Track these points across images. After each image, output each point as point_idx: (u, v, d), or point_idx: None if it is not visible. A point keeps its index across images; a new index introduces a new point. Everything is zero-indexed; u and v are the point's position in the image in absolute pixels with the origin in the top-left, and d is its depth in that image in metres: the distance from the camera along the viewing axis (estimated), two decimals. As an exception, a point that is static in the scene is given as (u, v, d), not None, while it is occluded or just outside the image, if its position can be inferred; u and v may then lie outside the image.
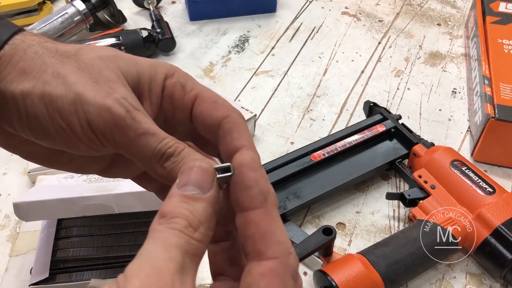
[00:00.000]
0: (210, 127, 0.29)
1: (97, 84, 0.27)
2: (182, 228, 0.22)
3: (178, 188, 0.24)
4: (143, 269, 0.21)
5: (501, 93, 0.63)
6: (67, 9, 0.79)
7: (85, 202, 0.45)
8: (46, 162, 0.32)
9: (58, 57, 0.28)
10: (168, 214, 0.23)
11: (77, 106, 0.27)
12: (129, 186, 0.48)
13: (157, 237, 0.22)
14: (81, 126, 0.27)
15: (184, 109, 0.30)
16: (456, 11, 0.93)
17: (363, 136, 0.62)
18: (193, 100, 0.30)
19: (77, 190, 0.47)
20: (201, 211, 0.23)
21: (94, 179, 0.51)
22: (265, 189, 0.24)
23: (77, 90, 0.27)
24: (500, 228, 0.50)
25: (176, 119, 0.31)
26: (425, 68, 0.81)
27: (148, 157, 0.27)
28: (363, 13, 0.93)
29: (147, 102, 0.30)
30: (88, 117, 0.27)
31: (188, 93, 0.30)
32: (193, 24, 0.89)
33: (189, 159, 0.27)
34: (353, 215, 0.59)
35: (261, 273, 0.23)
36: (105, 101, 0.27)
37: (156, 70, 0.30)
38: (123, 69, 0.29)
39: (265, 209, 0.24)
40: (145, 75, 0.29)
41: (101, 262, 0.49)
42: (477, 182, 0.54)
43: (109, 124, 0.27)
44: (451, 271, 0.53)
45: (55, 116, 0.27)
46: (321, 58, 0.82)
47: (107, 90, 0.27)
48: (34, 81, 0.27)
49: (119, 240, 0.50)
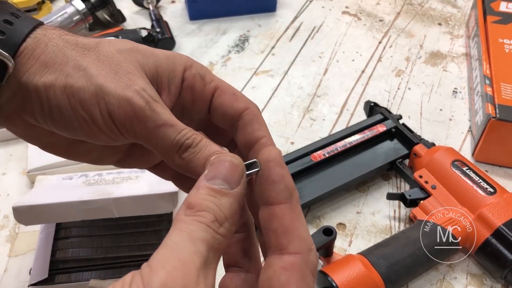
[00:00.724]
0: (230, 118, 0.31)
1: (117, 76, 0.28)
2: (209, 222, 0.23)
3: (207, 180, 0.24)
4: (169, 261, 0.21)
5: (502, 93, 0.63)
6: (66, 8, 0.79)
7: (85, 206, 0.45)
8: (64, 153, 0.33)
9: (78, 50, 0.29)
10: (195, 206, 0.23)
11: (99, 98, 0.28)
12: (128, 190, 0.47)
13: (183, 229, 0.22)
14: (102, 117, 0.28)
15: (204, 99, 0.31)
16: (457, 11, 0.93)
17: (364, 136, 0.62)
18: (212, 92, 0.31)
19: (77, 194, 0.47)
20: (227, 206, 0.24)
21: (94, 180, 0.50)
22: (290, 185, 0.25)
23: (98, 81, 0.28)
24: (501, 229, 0.50)
25: (194, 109, 0.32)
26: (425, 67, 0.80)
27: (167, 148, 0.28)
28: (364, 13, 0.93)
29: (165, 92, 0.31)
30: (109, 108, 0.28)
31: (208, 84, 0.31)
32: (192, 24, 0.89)
33: (206, 150, 0.28)
34: (354, 215, 0.59)
35: (282, 266, 0.23)
36: (126, 93, 0.28)
37: (175, 61, 0.31)
38: (140, 61, 0.30)
39: (290, 205, 0.24)
40: (162, 67, 0.30)
41: (101, 262, 0.49)
42: (478, 182, 0.54)
43: (129, 115, 0.28)
44: (452, 272, 0.53)
45: (77, 108, 0.28)
46: (322, 57, 0.82)
47: (126, 82, 0.28)
48: (56, 73, 0.28)
49: (119, 241, 0.50)
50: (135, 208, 0.46)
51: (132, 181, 0.50)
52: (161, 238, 0.49)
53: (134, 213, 0.47)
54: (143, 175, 0.52)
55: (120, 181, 0.50)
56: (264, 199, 0.25)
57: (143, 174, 0.52)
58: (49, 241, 0.50)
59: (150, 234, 0.50)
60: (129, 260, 0.49)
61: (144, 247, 0.49)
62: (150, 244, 0.50)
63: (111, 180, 0.51)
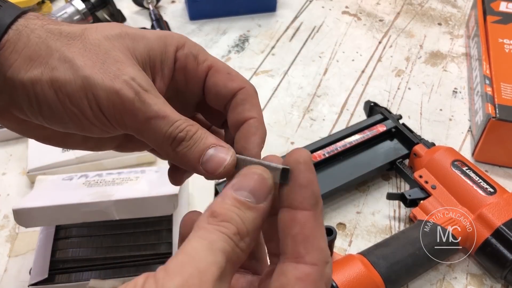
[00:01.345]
0: (223, 97, 0.29)
1: (104, 66, 0.27)
2: (231, 234, 0.22)
3: (234, 190, 0.24)
4: (187, 267, 0.20)
5: (502, 93, 0.63)
6: (66, 8, 0.79)
7: (85, 209, 0.45)
8: (61, 143, 0.32)
9: (63, 40, 0.27)
10: (219, 216, 0.23)
11: (87, 91, 0.26)
12: (128, 191, 0.47)
13: (204, 237, 0.22)
14: (92, 110, 0.27)
15: (198, 79, 0.30)
16: (457, 11, 0.93)
17: (364, 136, 0.62)
18: (206, 71, 0.30)
19: (77, 196, 0.47)
20: (251, 221, 0.23)
21: (94, 181, 0.50)
22: (317, 192, 0.24)
23: (85, 73, 0.26)
24: (501, 229, 0.50)
25: (188, 91, 0.31)
26: (425, 67, 0.80)
27: (159, 141, 0.27)
28: (364, 13, 0.93)
29: (159, 75, 0.29)
30: (98, 101, 0.27)
31: (201, 64, 0.30)
32: (192, 24, 0.89)
33: (201, 143, 0.27)
34: (354, 215, 0.59)
35: (297, 277, 0.22)
36: (114, 84, 0.26)
37: (166, 42, 0.29)
38: (130, 46, 0.28)
39: (315, 213, 0.24)
40: (154, 49, 0.29)
41: (101, 262, 0.49)
42: (478, 182, 0.54)
43: (118, 108, 0.27)
44: (452, 272, 0.53)
45: (66, 102, 0.27)
46: (322, 57, 0.82)
47: (115, 71, 0.27)
48: (41, 67, 0.27)
49: (119, 241, 0.50)
50: (135, 210, 0.46)
51: (132, 182, 0.50)
52: (161, 238, 0.49)
53: (134, 215, 0.47)
54: (143, 175, 0.52)
55: (120, 182, 0.50)
56: (288, 202, 0.24)
57: (143, 175, 0.52)
58: (49, 241, 0.50)
59: (150, 234, 0.50)
60: (129, 260, 0.49)
61: (144, 247, 0.49)
62: (150, 244, 0.50)
63: (111, 181, 0.51)
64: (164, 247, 0.49)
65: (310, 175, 0.24)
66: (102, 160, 0.61)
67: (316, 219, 0.24)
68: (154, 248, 0.49)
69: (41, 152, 0.60)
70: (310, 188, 0.24)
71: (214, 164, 0.27)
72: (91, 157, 0.60)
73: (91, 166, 0.60)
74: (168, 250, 0.48)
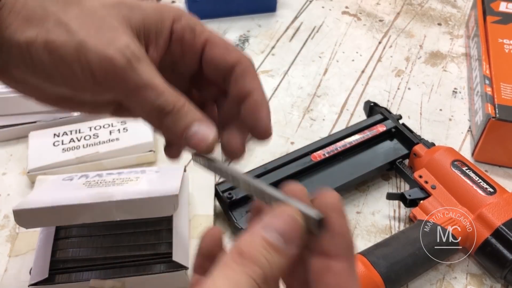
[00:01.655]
0: (222, 71, 0.30)
1: (99, 32, 0.27)
2: (258, 279, 0.22)
3: (264, 228, 0.23)
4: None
5: (501, 93, 0.63)
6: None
7: (86, 210, 0.45)
8: (58, 104, 0.32)
9: (60, 4, 0.28)
10: (247, 256, 0.22)
11: (80, 54, 0.27)
12: (128, 192, 0.47)
13: (229, 276, 0.21)
14: (83, 74, 0.27)
15: (194, 52, 0.31)
16: (457, 11, 0.93)
17: (364, 136, 0.62)
18: (203, 44, 0.30)
19: (77, 196, 0.47)
20: (278, 266, 0.22)
21: (94, 182, 0.50)
22: (352, 241, 0.23)
23: (80, 37, 0.27)
24: (500, 229, 0.50)
25: (185, 63, 0.31)
26: (425, 68, 0.81)
27: (146, 111, 0.28)
28: (364, 13, 0.93)
29: (153, 46, 0.30)
30: (90, 65, 0.27)
31: (198, 36, 0.30)
32: (193, 24, 0.89)
33: (187, 118, 0.28)
34: (354, 215, 0.59)
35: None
36: (107, 51, 0.27)
37: (162, 13, 0.30)
38: (126, 15, 0.29)
39: (349, 262, 0.23)
40: (150, 20, 0.29)
41: (101, 262, 0.49)
42: (478, 182, 0.54)
43: (110, 74, 0.27)
44: (452, 272, 0.53)
45: (59, 64, 0.27)
46: (322, 57, 0.82)
47: (109, 38, 0.27)
48: (37, 29, 0.27)
49: (119, 241, 0.50)
50: (135, 211, 0.46)
51: (132, 183, 0.50)
52: (161, 238, 0.49)
53: (135, 216, 0.47)
54: (144, 175, 0.52)
55: (120, 183, 0.50)
56: (321, 249, 0.23)
57: (143, 175, 0.52)
58: (49, 241, 0.50)
59: (150, 234, 0.50)
60: (129, 260, 0.49)
61: (144, 247, 0.49)
62: (150, 244, 0.50)
63: (111, 181, 0.51)
64: (164, 247, 0.49)
65: (343, 221, 0.24)
66: (102, 160, 0.61)
67: (350, 268, 0.23)
68: (154, 248, 0.49)
69: (41, 152, 0.60)
70: (345, 237, 0.23)
71: (197, 139, 0.28)
72: (91, 157, 0.60)
73: (91, 166, 0.60)
74: (168, 250, 0.48)
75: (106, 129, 0.63)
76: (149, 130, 0.63)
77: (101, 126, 0.63)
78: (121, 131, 0.63)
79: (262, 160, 0.64)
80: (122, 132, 0.62)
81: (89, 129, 0.63)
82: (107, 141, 0.61)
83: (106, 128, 0.63)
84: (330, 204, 0.24)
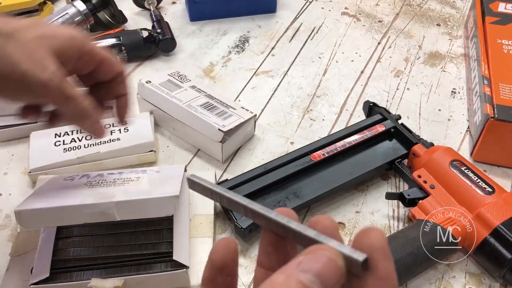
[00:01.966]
0: (110, 77, 0.47)
1: (35, 62, 0.38)
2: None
3: (300, 269, 0.21)
4: None
5: (500, 93, 0.63)
6: (68, 9, 0.80)
7: (87, 210, 0.45)
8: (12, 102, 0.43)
9: (1, 40, 0.37)
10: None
11: (24, 80, 0.38)
12: (129, 193, 0.48)
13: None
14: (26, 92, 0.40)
15: (93, 66, 0.45)
16: (456, 12, 0.94)
17: (363, 136, 0.62)
18: (100, 61, 0.45)
19: (79, 197, 0.47)
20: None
21: (95, 182, 0.51)
22: (396, 285, 0.22)
23: (22, 68, 0.37)
24: (499, 228, 0.50)
25: (87, 75, 0.46)
26: (424, 68, 0.81)
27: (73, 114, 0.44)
28: (363, 14, 0.93)
29: (67, 64, 0.42)
30: (31, 87, 0.38)
31: (96, 56, 0.44)
32: (193, 25, 0.89)
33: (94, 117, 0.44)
34: (353, 215, 0.59)
35: None
36: (43, 76, 0.38)
37: (73, 41, 0.42)
38: (50, 44, 0.40)
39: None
40: (65, 46, 0.41)
41: (102, 261, 0.49)
42: (477, 182, 0.54)
43: (47, 91, 0.39)
44: (451, 271, 0.53)
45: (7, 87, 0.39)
46: (321, 58, 0.83)
47: (43, 66, 0.38)
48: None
49: (120, 240, 0.50)
50: (136, 211, 0.47)
51: (133, 183, 0.51)
52: (162, 238, 0.50)
53: (135, 216, 0.47)
54: (144, 175, 0.52)
55: (121, 183, 0.51)
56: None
57: (144, 175, 0.52)
58: (51, 241, 0.50)
59: (151, 233, 0.51)
60: (130, 259, 0.49)
61: (145, 246, 0.50)
62: (151, 243, 0.50)
63: (112, 181, 0.51)
64: (164, 246, 0.50)
65: (389, 264, 0.22)
66: (103, 160, 0.61)
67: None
68: (155, 247, 0.49)
69: (42, 152, 0.61)
70: (391, 281, 0.21)
71: (98, 131, 0.47)
72: (92, 157, 0.61)
73: (93, 166, 0.61)
74: (169, 249, 0.49)
75: (107, 129, 0.63)
76: (150, 130, 0.63)
77: (102, 126, 0.64)
78: (122, 131, 0.63)
79: (262, 160, 0.65)
80: (123, 132, 0.63)
81: (90, 129, 0.63)
82: (108, 141, 0.62)
83: (107, 128, 0.63)
84: (375, 244, 0.22)
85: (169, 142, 0.67)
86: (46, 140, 0.62)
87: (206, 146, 0.64)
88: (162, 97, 0.65)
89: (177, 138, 0.68)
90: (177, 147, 0.67)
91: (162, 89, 0.65)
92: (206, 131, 0.62)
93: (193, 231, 0.54)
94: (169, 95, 0.65)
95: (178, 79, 0.68)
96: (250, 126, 0.67)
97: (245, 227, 0.53)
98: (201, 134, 0.63)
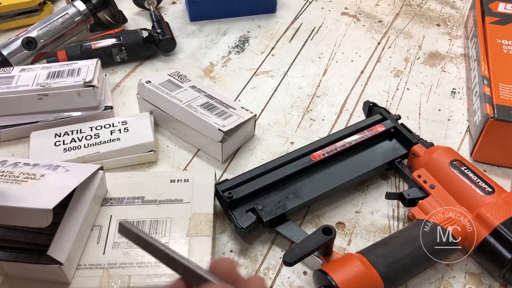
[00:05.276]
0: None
1: None
2: None
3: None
4: None
5: (500, 93, 0.63)
6: (68, 9, 0.80)
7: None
8: None
9: None
10: None
11: None
12: (8, 197, 0.46)
13: None
14: None
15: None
16: (456, 12, 0.94)
17: (363, 136, 0.63)
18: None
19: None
20: None
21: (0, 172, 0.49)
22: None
23: None
24: (499, 228, 0.50)
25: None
26: (424, 68, 0.81)
27: None
28: (363, 14, 0.93)
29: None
30: None
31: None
32: (193, 25, 0.89)
33: None
34: (353, 214, 0.59)
35: None
36: None
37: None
38: None
39: None
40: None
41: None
42: (476, 182, 0.54)
43: None
44: (451, 271, 0.53)
45: None
46: (321, 58, 0.83)
47: None
48: None
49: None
50: (5, 217, 0.45)
51: (31, 182, 0.48)
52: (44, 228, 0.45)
53: (5, 222, 0.46)
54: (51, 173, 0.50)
55: (22, 180, 0.49)
56: None
57: (51, 173, 0.50)
58: None
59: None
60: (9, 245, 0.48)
61: (25, 234, 0.49)
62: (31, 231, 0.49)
63: (14, 176, 0.49)
64: (44, 238, 0.48)
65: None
66: (104, 160, 0.61)
67: None
68: (35, 238, 0.48)
69: (42, 152, 0.61)
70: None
71: None
72: (92, 157, 0.61)
73: (89, 160, 0.61)
74: (48, 242, 0.47)
75: (107, 129, 0.63)
76: (150, 131, 0.64)
77: (102, 126, 0.64)
78: (122, 131, 0.63)
79: (262, 160, 0.65)
80: (123, 132, 0.63)
81: (90, 129, 0.63)
82: (108, 141, 0.62)
83: (107, 128, 0.63)
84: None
85: (169, 142, 0.67)
86: (46, 140, 0.62)
87: (206, 146, 0.64)
88: (162, 97, 0.65)
89: (177, 138, 0.68)
90: (177, 147, 0.67)
91: (162, 89, 0.65)
92: (206, 131, 0.62)
93: (192, 230, 0.54)
94: (169, 95, 0.65)
95: (178, 79, 0.68)
96: (250, 126, 0.67)
97: (245, 227, 0.53)
98: (201, 134, 0.63)
